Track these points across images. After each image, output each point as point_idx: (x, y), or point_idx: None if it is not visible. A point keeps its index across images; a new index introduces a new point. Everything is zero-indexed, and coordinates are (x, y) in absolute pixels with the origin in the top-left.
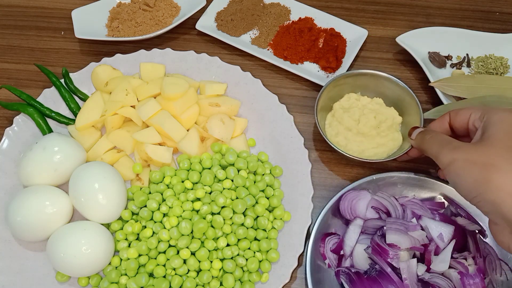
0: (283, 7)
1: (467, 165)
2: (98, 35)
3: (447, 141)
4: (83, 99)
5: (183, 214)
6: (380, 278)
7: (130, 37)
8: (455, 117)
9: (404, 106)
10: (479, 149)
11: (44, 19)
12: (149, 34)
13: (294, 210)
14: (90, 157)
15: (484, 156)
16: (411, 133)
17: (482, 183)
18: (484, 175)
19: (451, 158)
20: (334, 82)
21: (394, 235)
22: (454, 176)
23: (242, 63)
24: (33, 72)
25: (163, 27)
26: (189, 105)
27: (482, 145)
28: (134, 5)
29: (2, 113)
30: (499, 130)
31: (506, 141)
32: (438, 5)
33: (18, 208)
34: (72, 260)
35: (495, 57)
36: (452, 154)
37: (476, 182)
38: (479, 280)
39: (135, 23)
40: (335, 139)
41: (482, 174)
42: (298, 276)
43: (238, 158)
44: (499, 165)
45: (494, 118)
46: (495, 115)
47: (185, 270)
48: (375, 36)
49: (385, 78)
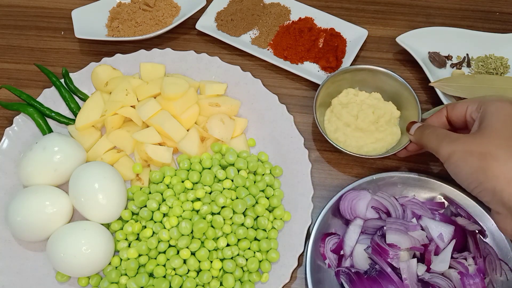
0: (283, 7)
1: (465, 156)
2: (98, 35)
3: (446, 134)
4: (83, 99)
5: (183, 214)
6: (380, 278)
7: (130, 37)
8: (452, 110)
9: (402, 100)
10: (476, 140)
11: (44, 19)
12: (149, 34)
13: (294, 210)
14: (90, 157)
15: (481, 146)
16: (409, 128)
17: (480, 173)
18: (482, 165)
19: (450, 150)
20: (332, 78)
21: (394, 235)
22: (454, 168)
23: (242, 63)
24: (33, 72)
25: (163, 27)
26: (189, 105)
27: (479, 136)
28: (134, 5)
29: (2, 113)
30: (496, 120)
31: (503, 130)
32: (438, 5)
33: (18, 208)
34: (72, 260)
35: (495, 57)
36: (451, 146)
37: (475, 172)
38: (479, 280)
39: (135, 23)
40: (334, 135)
41: (480, 163)
42: (298, 276)
43: (238, 158)
44: (496, 154)
45: (490, 108)
46: (491, 106)
47: (185, 270)
48: (375, 36)
49: (382, 73)
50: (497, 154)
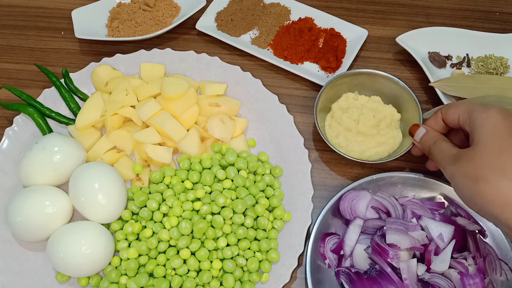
0: (283, 7)
1: (463, 180)
2: (98, 35)
3: (448, 151)
4: (83, 99)
5: (183, 214)
6: (380, 278)
7: (130, 37)
8: (446, 116)
9: (402, 102)
10: (470, 160)
11: (44, 19)
12: (149, 34)
13: (294, 210)
14: (90, 157)
15: (474, 169)
16: (412, 133)
17: (478, 198)
18: (477, 190)
19: (451, 173)
20: (331, 84)
21: (394, 235)
22: (457, 190)
23: (242, 63)
24: (33, 72)
25: (163, 27)
26: (189, 105)
27: (472, 155)
28: (134, 5)
29: (2, 113)
30: (484, 134)
31: (491, 145)
32: (438, 5)
33: (18, 208)
34: (72, 260)
35: (495, 57)
36: (451, 168)
37: (473, 196)
38: (479, 280)
39: (135, 23)
40: (336, 140)
41: (475, 188)
42: (298, 276)
43: (238, 158)
44: (488, 177)
45: (478, 121)
46: (478, 118)
47: (185, 270)
48: (375, 36)
49: (381, 76)
50: (488, 177)
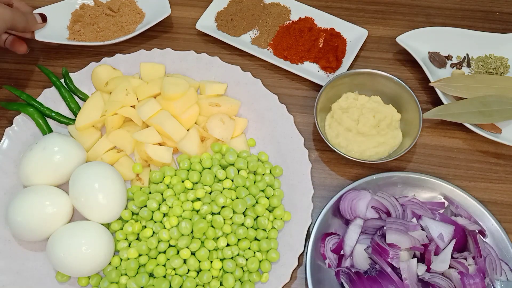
0: (283, 7)
1: None
2: (58, 37)
3: None
4: (83, 99)
5: (183, 214)
6: (380, 278)
7: (91, 42)
8: None
9: (402, 102)
10: None
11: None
12: (110, 40)
13: (294, 210)
14: (90, 157)
15: None
16: None
17: None
18: None
19: None
20: (331, 84)
21: (394, 235)
22: None
23: (242, 63)
24: (33, 72)
25: (125, 34)
26: (189, 105)
27: None
28: (98, 8)
29: (2, 113)
30: None
31: None
32: (438, 5)
33: (18, 208)
34: (72, 260)
35: (495, 57)
36: None
37: None
38: (479, 280)
39: (97, 28)
40: (336, 140)
41: None
42: (298, 276)
43: (238, 158)
44: None
45: None
46: None
47: (185, 270)
48: (375, 36)
49: (381, 76)
50: None
